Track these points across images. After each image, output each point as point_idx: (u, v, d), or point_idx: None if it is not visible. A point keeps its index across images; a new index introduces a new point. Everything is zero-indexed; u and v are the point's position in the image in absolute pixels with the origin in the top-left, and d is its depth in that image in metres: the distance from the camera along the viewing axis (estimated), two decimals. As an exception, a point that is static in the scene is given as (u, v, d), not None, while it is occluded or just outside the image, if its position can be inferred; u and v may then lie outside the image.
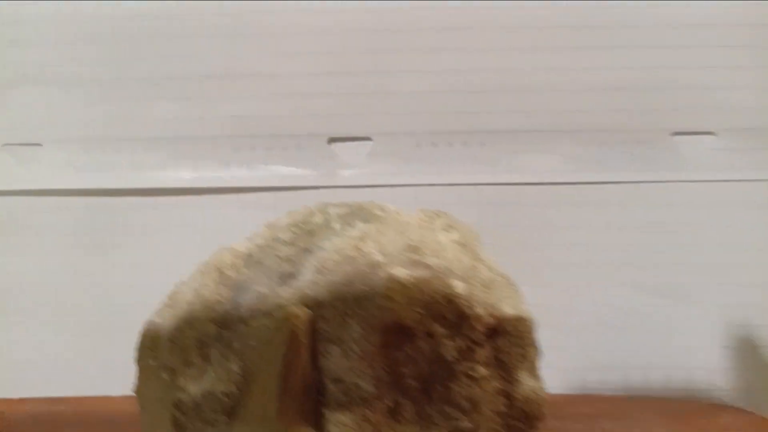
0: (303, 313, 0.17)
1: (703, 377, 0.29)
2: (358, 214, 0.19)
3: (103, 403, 0.29)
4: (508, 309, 0.19)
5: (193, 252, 0.31)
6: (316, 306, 0.17)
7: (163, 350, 0.19)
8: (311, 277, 0.18)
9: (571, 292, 0.30)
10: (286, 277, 0.18)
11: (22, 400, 0.30)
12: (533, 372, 0.20)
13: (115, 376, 0.31)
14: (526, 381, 0.20)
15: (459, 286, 0.18)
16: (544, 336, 0.31)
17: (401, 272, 0.17)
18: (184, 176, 0.31)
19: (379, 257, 0.17)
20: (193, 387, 0.18)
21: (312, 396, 0.17)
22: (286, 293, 0.18)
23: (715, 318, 0.29)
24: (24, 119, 0.32)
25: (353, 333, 0.17)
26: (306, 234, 0.19)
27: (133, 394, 0.21)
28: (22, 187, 0.32)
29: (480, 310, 0.18)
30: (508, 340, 0.19)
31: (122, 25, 0.30)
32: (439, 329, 0.18)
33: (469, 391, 0.18)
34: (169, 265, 0.31)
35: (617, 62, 0.29)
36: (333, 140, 0.31)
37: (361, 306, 0.17)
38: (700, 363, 0.29)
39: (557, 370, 0.30)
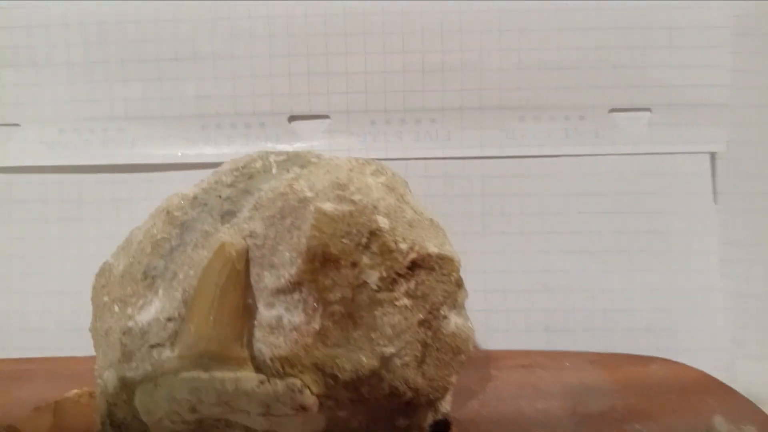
0: (238, 242, 0.19)
1: (638, 336, 0.30)
2: (295, 160, 0.21)
3: (71, 362, 0.30)
4: (432, 247, 0.21)
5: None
6: (251, 237, 0.19)
7: (115, 285, 0.21)
8: (248, 214, 0.20)
9: (513, 258, 0.32)
10: (227, 215, 0.20)
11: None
12: (460, 310, 0.22)
13: (84, 338, 0.33)
14: (452, 318, 0.21)
15: (383, 222, 0.19)
16: (487, 299, 0.33)
17: (328, 206, 0.19)
18: (154, 153, 0.33)
19: (308, 193, 0.19)
20: (140, 316, 0.20)
21: (245, 319, 0.19)
22: (226, 229, 0.20)
23: (650, 281, 0.31)
24: (2, 101, 0.34)
25: (284, 260, 0.19)
26: (246, 177, 0.20)
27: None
28: (2, 164, 0.34)
29: (403, 245, 0.20)
30: (431, 276, 0.21)
31: (92, 11, 0.32)
32: (363, 259, 0.19)
33: (392, 319, 0.20)
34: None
35: (558, 43, 0.31)
36: (293, 118, 0.33)
37: (291, 236, 0.19)
38: (635, 323, 0.31)
39: (502, 332, 0.32)
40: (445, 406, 0.22)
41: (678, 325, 0.31)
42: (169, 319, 0.20)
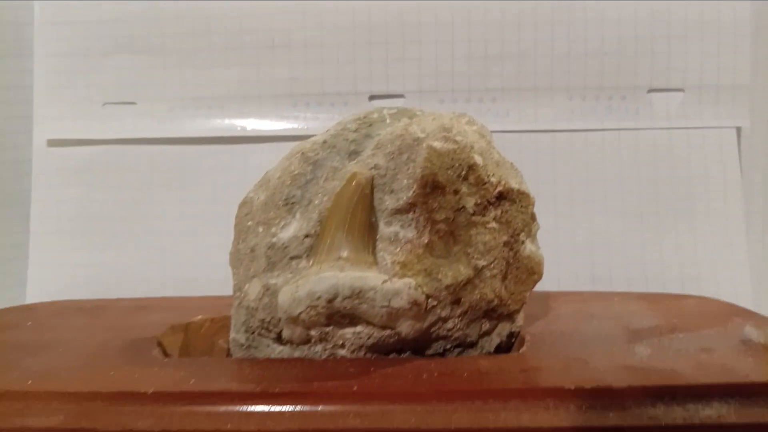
0: (366, 171, 0.24)
1: (670, 287, 0.35)
2: (404, 113, 0.26)
3: (183, 300, 0.35)
4: (513, 183, 0.26)
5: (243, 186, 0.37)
6: (375, 169, 0.24)
7: (258, 212, 0.26)
8: (371, 152, 0.25)
9: (561, 219, 0.36)
10: (353, 154, 0.25)
11: (119, 299, 0.36)
12: (534, 240, 0.27)
13: (185, 287, 0.38)
14: (528, 245, 0.26)
15: (478, 159, 0.24)
16: (544, 253, 0.38)
17: (437, 144, 0.24)
18: (250, 128, 0.38)
19: (421, 134, 0.24)
20: (282, 234, 0.25)
21: (371, 233, 0.24)
22: (353, 164, 0.25)
23: (681, 240, 0.36)
24: (120, 82, 0.39)
25: (402, 186, 0.24)
26: (367, 125, 0.25)
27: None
28: (119, 136, 0.39)
29: (492, 179, 0.25)
30: (513, 207, 0.25)
31: (200, 6, 0.38)
32: (462, 188, 0.24)
33: (484, 238, 0.25)
34: (234, 198, 0.38)
35: (602, 33, 0.36)
36: (373, 97, 0.38)
37: (408, 167, 0.24)
38: (668, 275, 0.35)
39: (554, 281, 0.37)
40: (519, 321, 0.27)
41: (705, 278, 0.35)
42: (306, 236, 0.25)
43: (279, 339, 0.26)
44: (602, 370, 0.23)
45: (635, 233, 0.36)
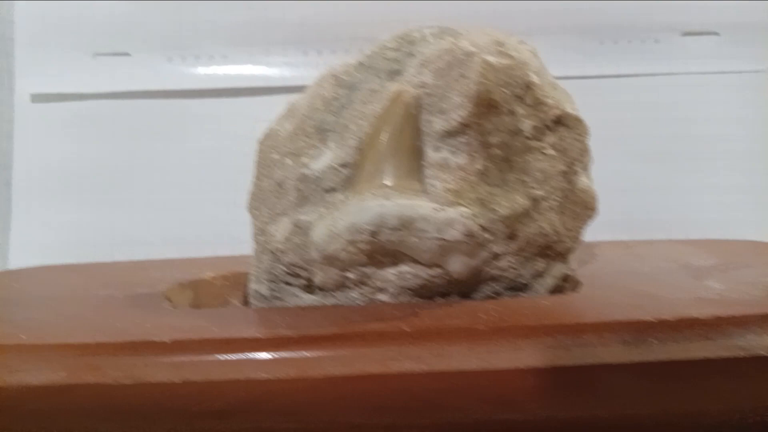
0: (412, 89, 0.21)
1: (707, 233, 0.33)
2: (446, 32, 0.23)
3: (185, 261, 0.32)
4: (569, 109, 0.23)
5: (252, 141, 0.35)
6: (421, 87, 0.22)
7: (286, 142, 0.23)
8: (415, 70, 0.22)
9: (596, 164, 0.34)
10: (393, 74, 0.22)
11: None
12: (587, 172, 0.24)
13: (185, 248, 0.35)
14: (582, 176, 0.24)
15: (535, 78, 0.22)
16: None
17: (491, 58, 0.21)
18: (257, 77, 0.35)
19: (472, 48, 0.21)
20: (315, 164, 0.22)
21: (418, 158, 0.21)
22: (394, 84, 0.22)
23: (717, 181, 0.34)
24: (113, 30, 0.36)
25: (454, 105, 0.21)
26: (408, 43, 0.23)
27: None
28: (112, 89, 0.36)
29: (549, 101, 0.22)
30: (569, 134, 0.23)
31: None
32: (519, 108, 0.22)
33: (541, 165, 0.22)
34: (239, 154, 0.35)
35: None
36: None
37: (459, 84, 0.21)
38: (705, 216, 0.34)
39: (591, 229, 0.34)
40: (572, 262, 0.25)
41: (746, 222, 0.33)
42: (343, 165, 0.22)
43: (309, 287, 0.23)
44: (679, 303, 0.21)
45: (671, 178, 0.34)
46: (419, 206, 0.20)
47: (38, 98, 0.36)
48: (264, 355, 0.20)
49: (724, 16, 0.34)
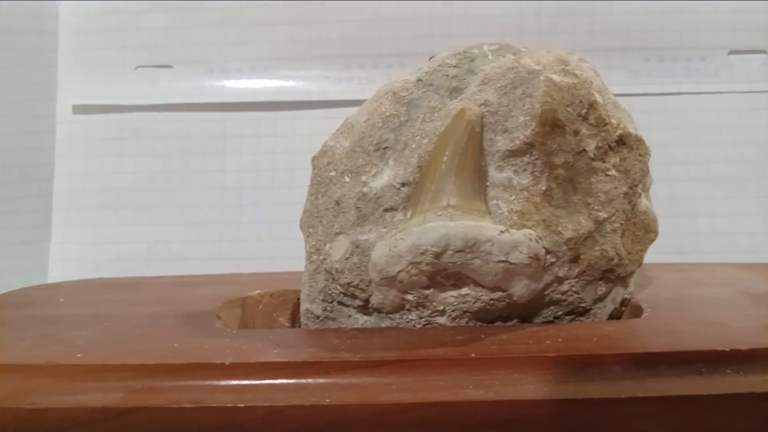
0: (475, 108, 0.21)
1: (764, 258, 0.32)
2: (507, 49, 0.23)
3: (226, 276, 0.32)
4: (631, 129, 0.23)
5: (303, 158, 0.35)
6: (484, 105, 0.21)
7: (343, 159, 0.22)
8: (477, 88, 0.22)
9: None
10: (455, 92, 0.22)
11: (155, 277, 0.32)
12: (648, 195, 0.24)
13: (225, 264, 0.34)
14: (643, 198, 0.23)
15: (598, 97, 0.22)
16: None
17: (556, 77, 0.21)
18: (298, 91, 0.35)
19: (536, 66, 0.21)
20: (374, 182, 0.22)
21: (481, 178, 0.21)
22: (455, 102, 0.22)
23: (765, 206, 0.33)
24: (155, 43, 0.36)
25: (518, 124, 0.21)
26: (468, 60, 0.22)
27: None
28: (153, 102, 0.35)
29: (613, 120, 0.22)
30: (631, 154, 0.23)
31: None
32: (583, 128, 0.21)
33: (605, 187, 0.22)
34: (280, 168, 0.35)
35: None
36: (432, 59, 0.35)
37: (524, 103, 0.21)
38: (756, 246, 0.33)
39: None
40: (631, 286, 0.24)
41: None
42: (404, 184, 0.22)
43: (365, 307, 0.23)
44: (748, 332, 0.20)
45: (719, 201, 0.33)
46: (485, 228, 0.20)
47: (80, 109, 0.36)
48: (328, 380, 0.19)
49: (774, 34, 0.34)
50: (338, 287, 0.23)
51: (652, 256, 0.33)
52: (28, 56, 0.36)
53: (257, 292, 0.28)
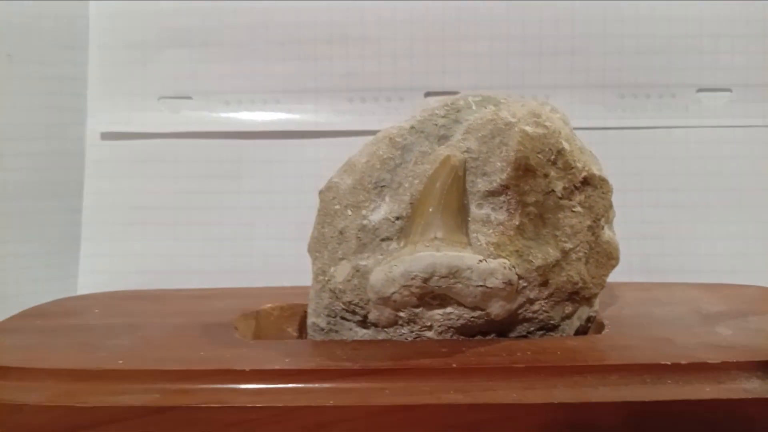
0: (459, 154, 0.24)
1: (721, 278, 0.36)
2: (489, 100, 0.26)
3: (240, 291, 0.35)
4: (595, 170, 0.26)
5: (310, 182, 0.38)
6: (467, 152, 0.25)
7: (346, 195, 0.26)
8: (462, 136, 0.25)
9: (618, 212, 0.37)
10: (442, 139, 0.26)
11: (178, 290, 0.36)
12: (611, 225, 0.27)
13: (240, 278, 0.38)
14: (606, 230, 0.27)
15: (566, 144, 0.25)
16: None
17: (529, 128, 0.24)
18: (306, 122, 0.39)
19: (512, 119, 0.25)
20: (373, 216, 0.25)
21: (464, 214, 0.24)
22: (443, 148, 0.25)
23: (730, 231, 0.36)
24: (176, 76, 0.39)
25: (495, 169, 0.24)
26: (455, 111, 0.26)
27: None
28: (174, 130, 0.39)
29: (578, 164, 0.25)
30: (595, 192, 0.26)
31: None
32: (552, 171, 0.25)
33: (571, 222, 0.25)
34: (290, 191, 0.38)
35: (653, 32, 0.37)
36: (429, 94, 0.39)
37: (501, 150, 0.24)
38: (719, 266, 0.36)
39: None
40: (596, 305, 0.28)
41: (756, 269, 0.36)
42: (398, 218, 0.25)
43: (364, 322, 0.27)
44: (691, 347, 0.24)
45: (686, 226, 0.37)
46: (466, 258, 0.24)
47: (107, 136, 0.39)
48: (332, 385, 0.23)
49: (737, 74, 0.37)
50: (341, 305, 0.26)
51: (624, 275, 0.36)
52: (60, 84, 0.40)
53: (269, 305, 0.32)
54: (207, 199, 0.39)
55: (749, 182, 0.37)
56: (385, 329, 0.26)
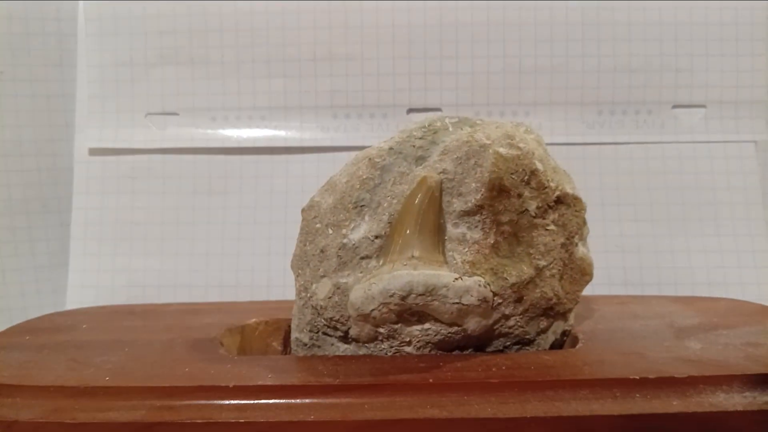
0: (435, 175, 0.25)
1: (698, 290, 0.37)
2: (465, 122, 0.27)
3: (229, 305, 0.36)
4: (568, 189, 0.27)
5: (296, 197, 0.39)
6: (443, 173, 0.26)
7: (327, 214, 0.27)
8: (438, 157, 0.26)
9: (593, 225, 0.38)
10: (420, 159, 0.26)
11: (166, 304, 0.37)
12: (584, 242, 0.28)
13: (227, 292, 0.38)
14: (580, 247, 0.28)
15: (539, 165, 0.26)
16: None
17: (502, 150, 0.25)
18: (291, 138, 0.39)
19: (487, 141, 0.25)
20: (353, 235, 0.26)
21: (440, 233, 0.25)
22: (420, 169, 0.26)
23: (706, 244, 0.37)
24: (163, 93, 0.40)
25: (470, 189, 0.25)
26: (432, 132, 0.27)
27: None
28: (162, 146, 0.40)
29: (552, 184, 0.26)
30: (569, 211, 0.27)
31: (244, 18, 0.39)
32: (525, 191, 0.26)
33: (545, 240, 0.26)
34: (275, 207, 0.39)
35: (630, 50, 0.38)
36: (411, 110, 0.39)
37: (476, 172, 0.25)
38: (696, 279, 0.37)
39: (588, 286, 0.38)
40: (571, 319, 0.28)
41: (731, 282, 0.37)
42: (376, 237, 0.26)
43: (345, 338, 0.27)
44: (661, 362, 0.25)
45: (663, 239, 0.38)
46: (442, 276, 0.24)
47: (96, 152, 0.40)
48: (313, 400, 0.23)
49: (711, 92, 0.38)
50: (323, 321, 0.27)
51: (603, 287, 0.37)
52: (49, 101, 0.40)
53: (254, 320, 0.32)
54: (194, 214, 0.40)
55: (724, 196, 0.38)
56: (366, 344, 0.27)
